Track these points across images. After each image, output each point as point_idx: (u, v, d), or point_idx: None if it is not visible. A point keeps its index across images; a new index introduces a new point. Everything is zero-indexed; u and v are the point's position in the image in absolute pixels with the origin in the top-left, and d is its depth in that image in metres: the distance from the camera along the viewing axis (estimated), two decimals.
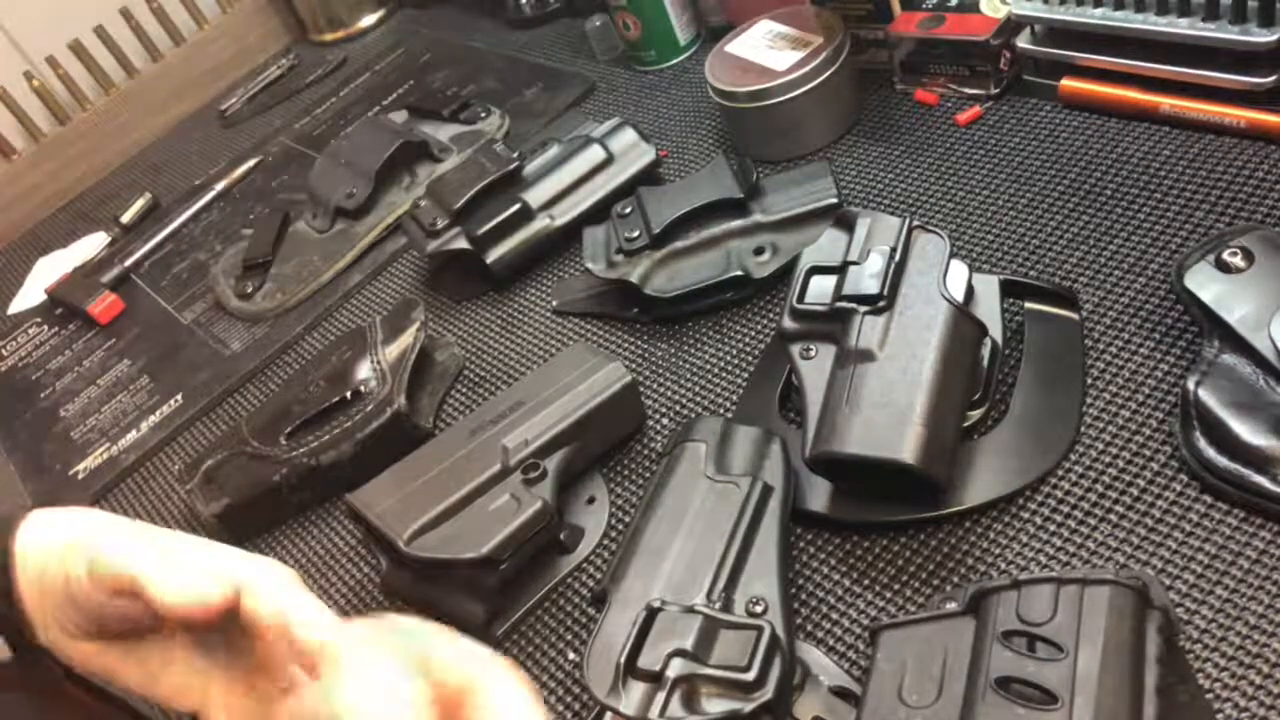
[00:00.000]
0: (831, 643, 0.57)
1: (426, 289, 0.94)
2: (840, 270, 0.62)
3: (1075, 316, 0.65)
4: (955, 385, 0.57)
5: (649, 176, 0.89)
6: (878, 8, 0.87)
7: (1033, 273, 0.69)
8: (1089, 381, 0.62)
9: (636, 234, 0.79)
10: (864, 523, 0.60)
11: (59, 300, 1.12)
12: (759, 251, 0.77)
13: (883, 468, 0.54)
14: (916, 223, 0.63)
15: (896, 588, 0.57)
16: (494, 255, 0.86)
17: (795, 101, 0.84)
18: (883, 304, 0.59)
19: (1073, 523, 0.56)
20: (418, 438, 0.75)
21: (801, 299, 0.62)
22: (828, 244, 0.64)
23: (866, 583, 0.58)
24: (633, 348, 0.79)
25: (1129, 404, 0.60)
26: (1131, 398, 0.60)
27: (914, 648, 0.49)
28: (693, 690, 0.49)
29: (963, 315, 0.59)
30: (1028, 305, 0.66)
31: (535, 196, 0.88)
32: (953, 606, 0.49)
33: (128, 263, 1.14)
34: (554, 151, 0.90)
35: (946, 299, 0.59)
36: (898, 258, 0.61)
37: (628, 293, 0.79)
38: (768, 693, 0.48)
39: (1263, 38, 0.65)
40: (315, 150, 1.17)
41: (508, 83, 1.16)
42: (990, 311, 0.63)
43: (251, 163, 1.24)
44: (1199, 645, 0.49)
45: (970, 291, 0.64)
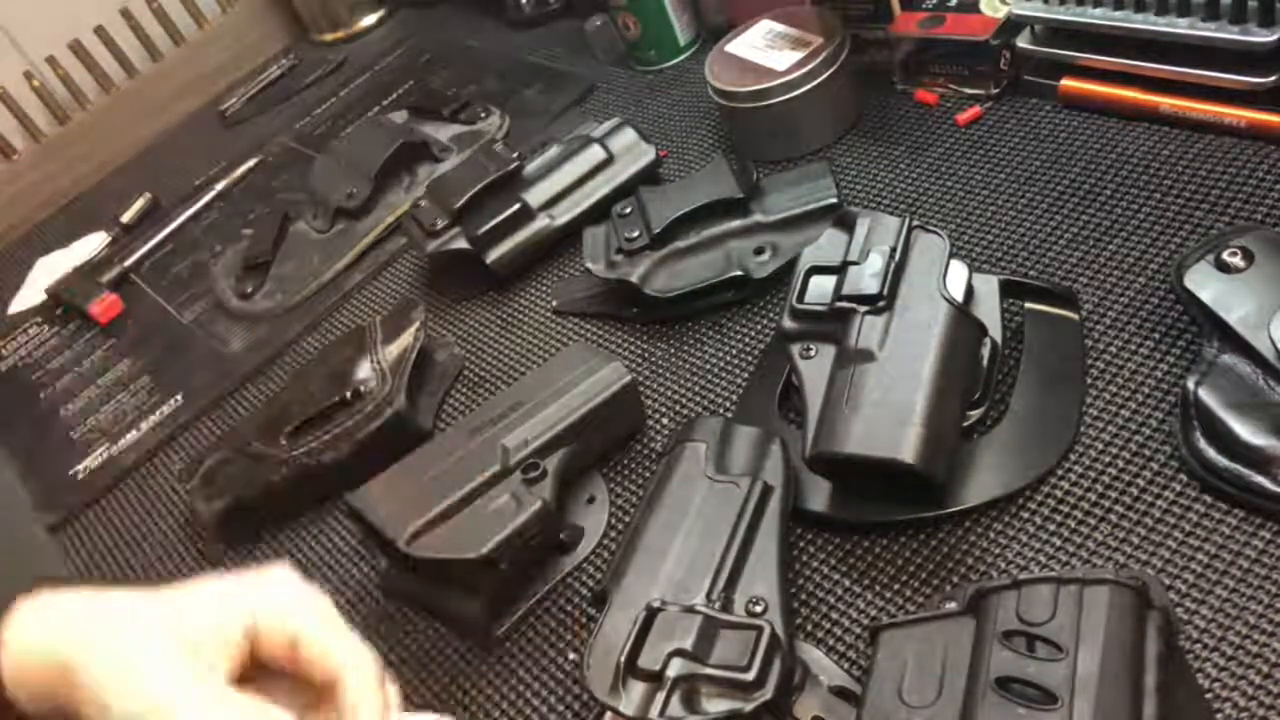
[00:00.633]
0: (831, 642, 0.57)
1: (426, 289, 0.94)
2: (840, 270, 0.62)
3: (1075, 316, 0.65)
4: (955, 385, 0.57)
5: (649, 176, 0.89)
6: (878, 8, 0.87)
7: (1033, 273, 0.69)
8: (1089, 381, 0.62)
9: (636, 234, 0.79)
10: (864, 522, 0.60)
11: (59, 300, 1.12)
12: (759, 251, 0.77)
13: (883, 467, 0.54)
14: (916, 223, 0.63)
15: (896, 587, 0.57)
16: (494, 255, 0.86)
17: (795, 101, 0.84)
18: (882, 304, 0.59)
19: (1072, 523, 0.56)
20: (418, 438, 0.75)
21: (801, 299, 0.62)
22: (828, 244, 0.65)
23: (866, 582, 0.58)
24: (633, 348, 0.79)
25: (1129, 404, 0.60)
26: (1131, 397, 0.60)
27: (914, 648, 0.49)
28: (693, 690, 0.49)
29: (962, 315, 0.59)
30: (1028, 305, 0.66)
31: (535, 196, 0.88)
32: (953, 606, 0.49)
33: (128, 263, 1.14)
34: (554, 151, 0.90)
35: (946, 299, 0.59)
36: (897, 258, 0.61)
37: (628, 293, 0.79)
38: (768, 692, 0.48)
39: (1263, 38, 0.65)
40: (315, 150, 1.17)
41: (508, 83, 1.16)
42: (990, 311, 0.63)
43: (251, 163, 1.24)
44: (1199, 645, 0.50)
45: (970, 291, 0.64)
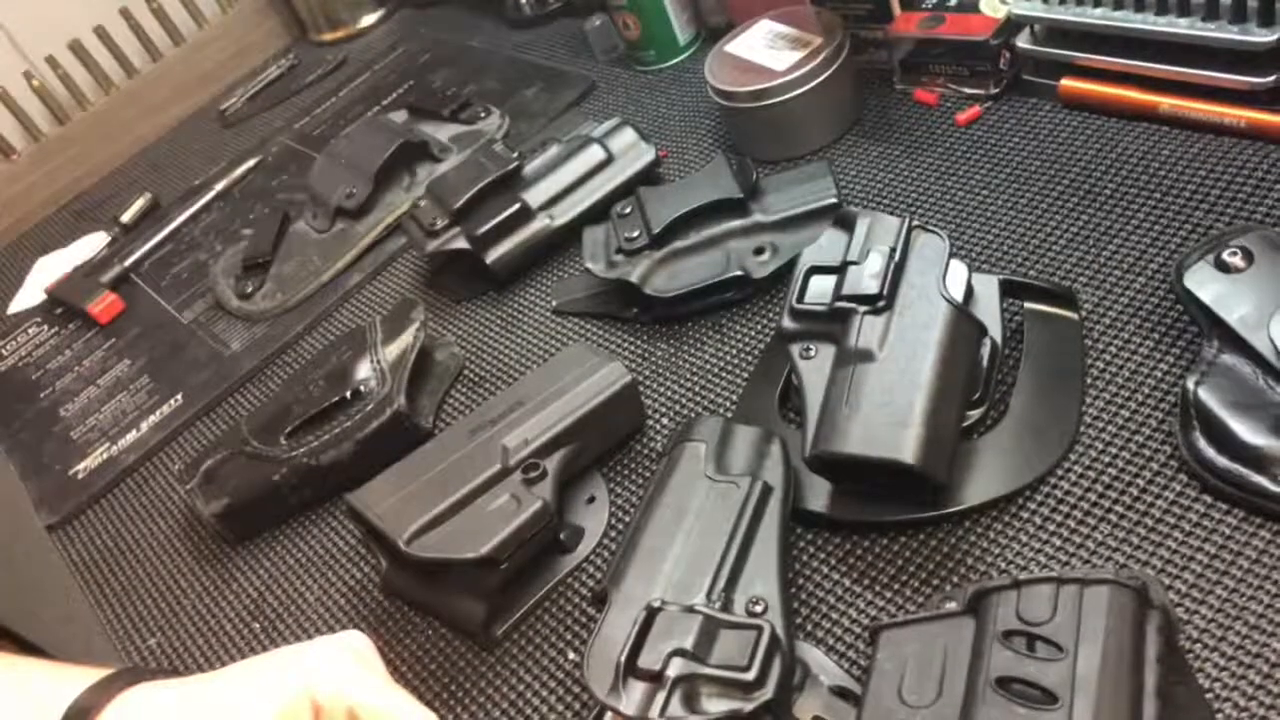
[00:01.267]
0: (831, 642, 0.57)
1: (426, 289, 0.94)
2: (840, 270, 0.62)
3: (1075, 316, 0.65)
4: (955, 385, 0.57)
5: (649, 176, 0.89)
6: (878, 8, 0.87)
7: (1032, 273, 0.69)
8: (1088, 381, 0.62)
9: (636, 234, 0.79)
10: (864, 522, 0.60)
11: (59, 300, 1.12)
12: (759, 251, 0.77)
13: (883, 467, 0.54)
14: (916, 222, 0.63)
15: (896, 587, 0.57)
16: (494, 255, 0.87)
17: (795, 101, 0.84)
18: (882, 304, 0.59)
19: (1072, 522, 0.56)
20: (418, 437, 0.75)
21: (801, 299, 0.62)
22: (827, 244, 0.65)
23: (866, 582, 0.58)
24: (633, 348, 0.79)
25: (1128, 404, 0.60)
26: (1131, 397, 0.60)
27: (914, 647, 0.49)
28: (693, 690, 0.49)
29: (962, 315, 0.59)
30: (1027, 305, 0.66)
31: (535, 196, 0.88)
32: (953, 606, 0.49)
33: (128, 262, 1.14)
34: (554, 151, 0.90)
35: (946, 299, 0.59)
36: (897, 258, 0.61)
37: (628, 293, 0.79)
38: (768, 692, 0.48)
39: (1262, 37, 0.65)
40: (315, 150, 1.16)
41: (508, 83, 1.16)
42: (990, 311, 0.64)
43: (251, 163, 1.24)
44: (1198, 645, 0.50)
45: (970, 291, 0.64)
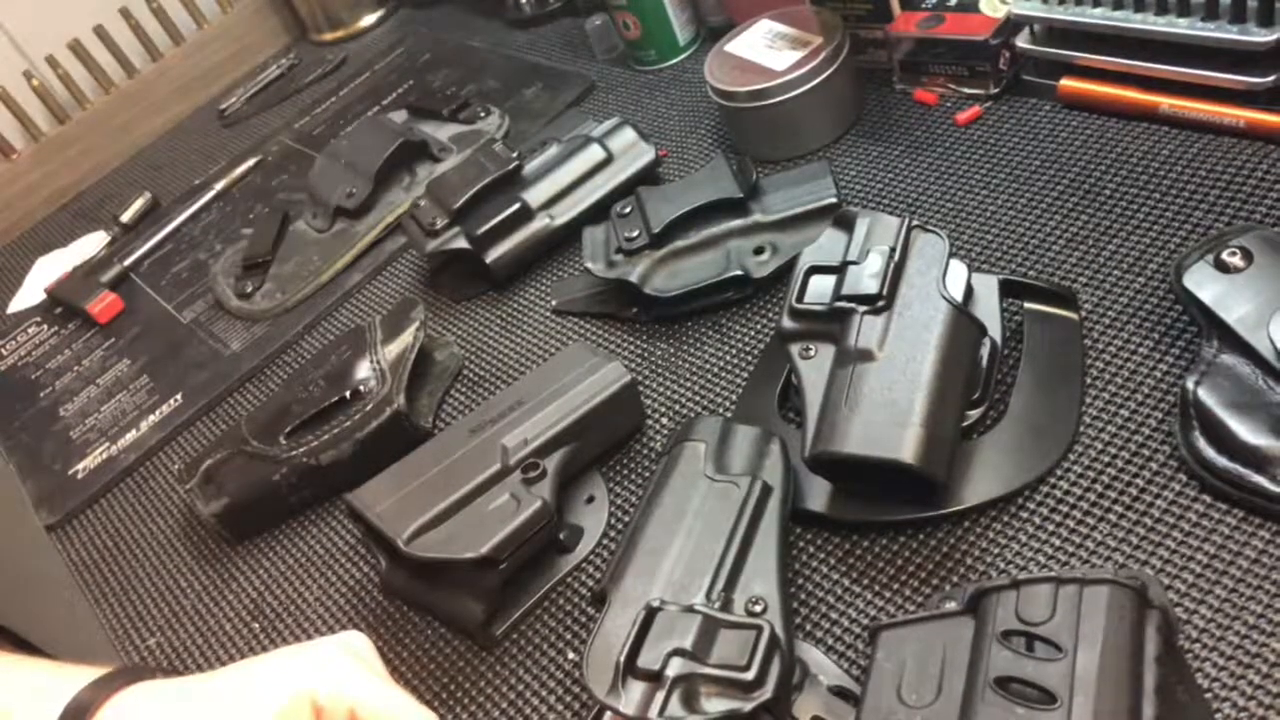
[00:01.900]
0: (831, 642, 0.57)
1: (426, 289, 0.94)
2: (839, 270, 0.62)
3: (1074, 316, 0.65)
4: (954, 385, 0.57)
5: (648, 176, 0.89)
6: (877, 8, 0.87)
7: (1032, 272, 0.69)
8: (1088, 381, 0.62)
9: (636, 234, 0.79)
10: (863, 522, 0.60)
11: (59, 300, 1.12)
12: (759, 251, 0.77)
13: (882, 467, 0.54)
14: (916, 222, 0.63)
15: (896, 587, 0.57)
16: (494, 255, 0.87)
17: (795, 101, 0.84)
18: (882, 304, 0.59)
19: (1072, 522, 0.56)
20: (417, 437, 0.75)
21: (801, 299, 0.62)
22: (827, 244, 0.65)
23: (866, 582, 0.58)
24: (632, 347, 0.79)
25: (1128, 404, 0.60)
26: (1131, 397, 0.60)
27: (913, 647, 0.49)
28: (692, 690, 0.49)
29: (962, 315, 0.59)
30: (1027, 305, 0.66)
31: (535, 196, 0.88)
32: (952, 606, 0.49)
33: (127, 262, 1.14)
34: (554, 151, 0.90)
35: (946, 299, 0.59)
36: (897, 257, 0.61)
37: (627, 292, 0.79)
38: (767, 692, 0.48)
39: (1262, 37, 0.65)
40: (315, 150, 1.16)
41: (508, 83, 1.16)
42: (989, 311, 0.64)
43: (251, 162, 1.24)
44: (1198, 645, 0.50)
45: (969, 291, 0.64)
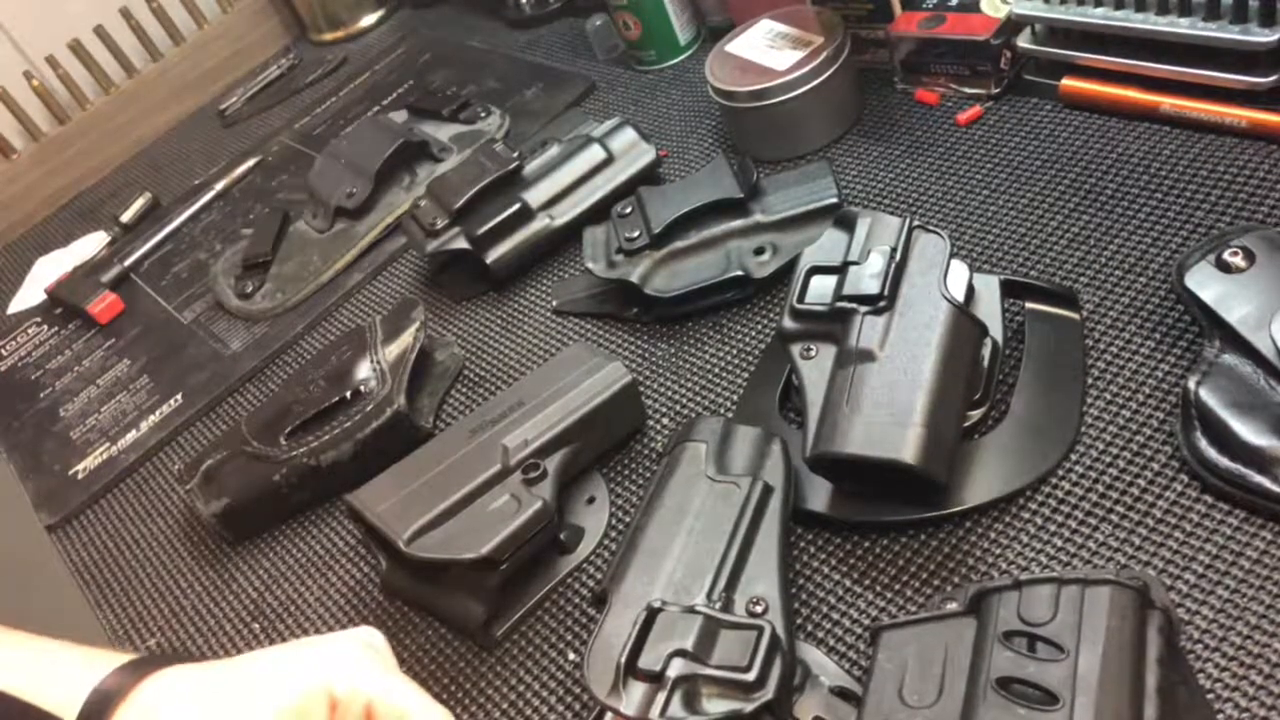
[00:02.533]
0: (832, 643, 0.57)
1: (426, 289, 0.94)
2: (840, 270, 0.62)
3: (1075, 316, 0.65)
4: (955, 385, 0.57)
5: (649, 176, 0.89)
6: (878, 7, 0.87)
7: (1033, 273, 0.69)
8: (1089, 381, 0.62)
9: (636, 234, 0.79)
10: (864, 523, 0.60)
11: (59, 300, 1.12)
12: (759, 251, 0.77)
13: (883, 468, 0.54)
14: (917, 222, 0.63)
15: (897, 588, 0.57)
16: (494, 255, 0.86)
17: (795, 101, 0.84)
18: (883, 304, 0.59)
19: (1073, 523, 0.56)
20: (418, 438, 0.75)
21: (802, 299, 0.62)
22: (828, 244, 0.64)
23: (867, 583, 0.58)
24: (633, 348, 0.79)
25: (1129, 404, 0.60)
26: (1132, 398, 0.60)
27: (915, 648, 0.49)
28: (693, 690, 0.49)
29: (963, 315, 0.59)
30: (1028, 305, 0.66)
31: (535, 196, 0.88)
32: (953, 606, 0.49)
33: (128, 262, 1.14)
34: (554, 151, 0.90)
35: (947, 299, 0.59)
36: (898, 258, 0.61)
37: (628, 293, 0.79)
38: (768, 693, 0.48)
39: (1263, 37, 0.65)
40: (315, 150, 1.16)
41: (508, 83, 1.16)
42: (990, 311, 0.63)
43: (251, 162, 1.24)
44: (1200, 646, 0.49)
45: (970, 291, 0.64)
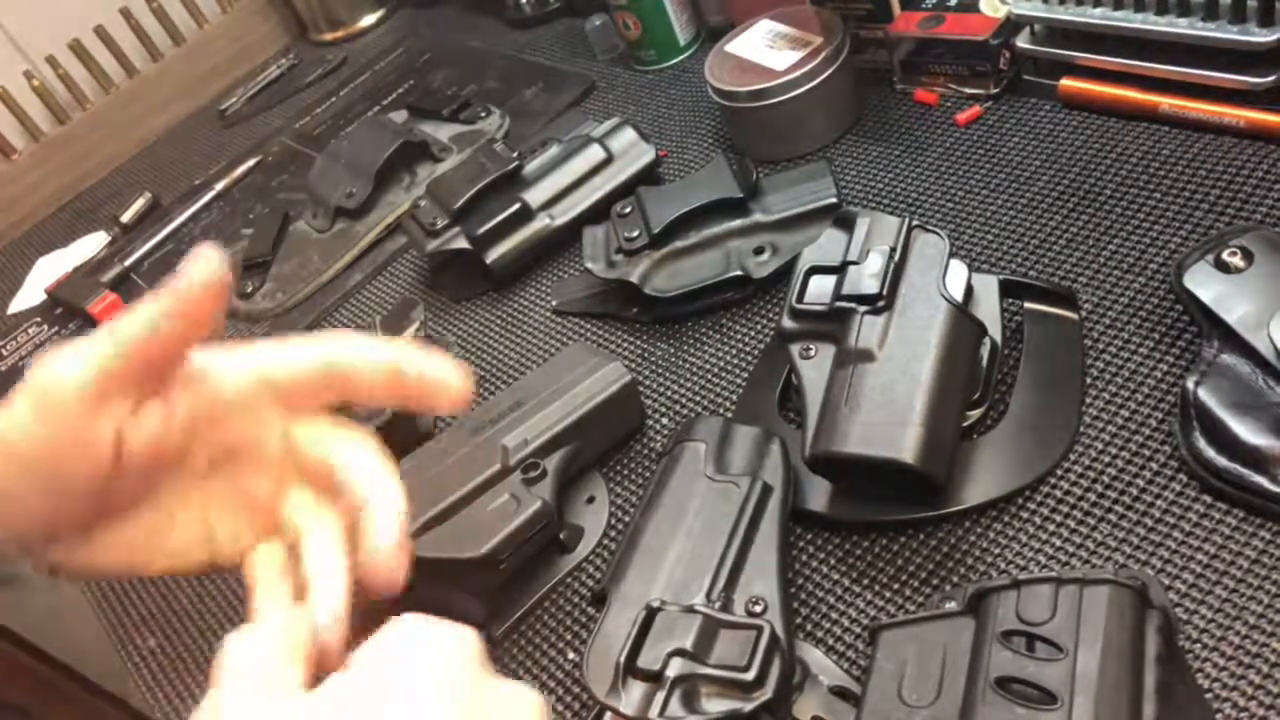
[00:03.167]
0: (831, 642, 0.57)
1: (426, 289, 0.94)
2: (840, 270, 0.62)
3: (1075, 316, 0.65)
4: (955, 385, 0.57)
5: (649, 176, 0.89)
6: (878, 7, 0.87)
7: (1032, 273, 0.69)
8: (1088, 381, 0.62)
9: (636, 234, 0.79)
10: (863, 522, 0.60)
11: (59, 300, 1.12)
12: (759, 251, 0.77)
13: (882, 467, 0.54)
14: (916, 222, 0.63)
15: (896, 587, 0.57)
16: (494, 255, 0.86)
17: (795, 101, 0.84)
18: (882, 304, 0.59)
19: (1072, 522, 0.56)
20: (417, 437, 0.75)
21: (801, 299, 0.62)
22: (827, 244, 0.64)
23: (866, 582, 0.58)
24: (633, 348, 0.79)
25: (1128, 404, 0.60)
26: (1131, 398, 0.60)
27: (914, 647, 0.49)
28: (692, 690, 0.49)
29: (962, 315, 0.59)
30: (1027, 305, 0.66)
31: (535, 196, 0.88)
32: (952, 606, 0.49)
33: (128, 262, 1.14)
34: (554, 151, 0.90)
35: (946, 299, 0.59)
36: (897, 257, 0.61)
37: (628, 293, 0.79)
38: (767, 692, 0.48)
39: (1262, 37, 0.65)
40: (315, 150, 1.17)
41: (508, 83, 1.16)
42: (990, 311, 0.63)
43: (251, 162, 1.24)
44: (1198, 645, 0.50)
45: (970, 291, 0.64)
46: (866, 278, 0.61)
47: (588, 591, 0.65)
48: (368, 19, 1.46)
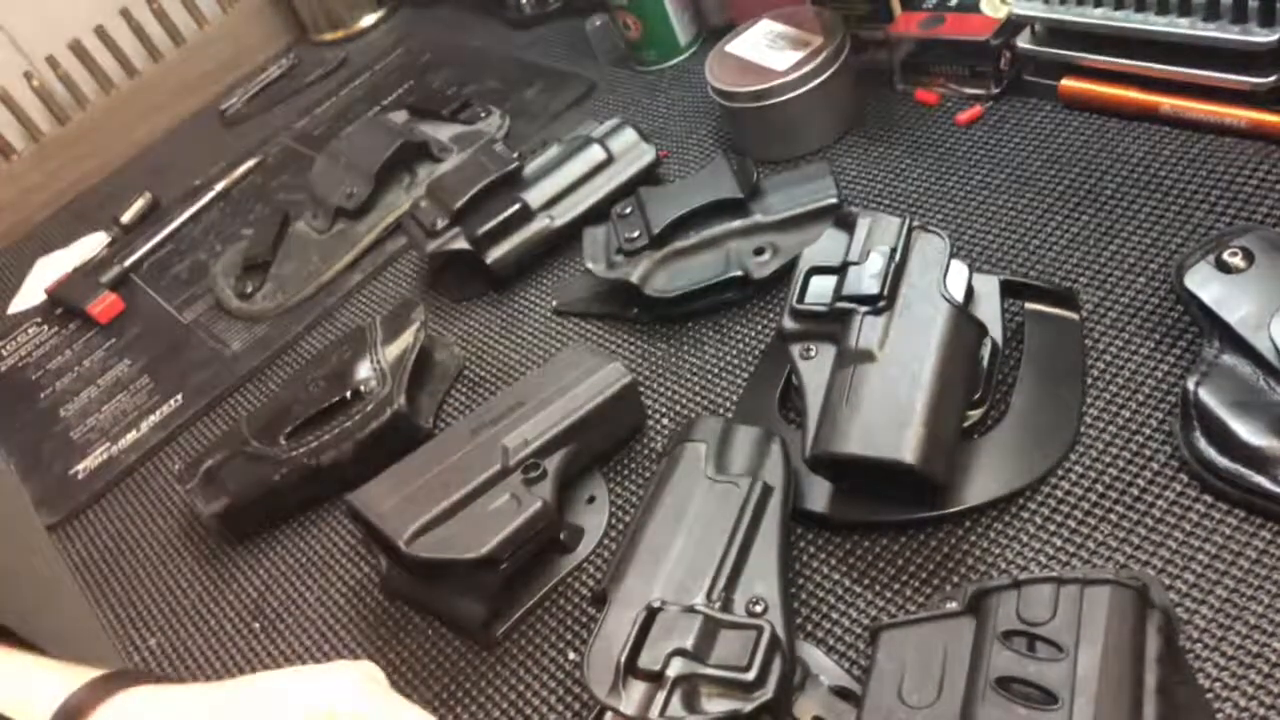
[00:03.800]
0: (832, 642, 0.57)
1: (426, 289, 0.94)
2: (840, 270, 0.62)
3: (1075, 317, 0.65)
4: (955, 385, 0.57)
5: (649, 176, 0.89)
6: (878, 8, 0.87)
7: (1033, 273, 0.69)
8: (1089, 381, 0.62)
9: (636, 234, 0.79)
10: (864, 522, 0.60)
11: (59, 300, 1.12)
12: (759, 252, 0.77)
13: (883, 468, 0.54)
14: (916, 223, 0.63)
15: (897, 587, 0.57)
16: (494, 255, 0.86)
17: (795, 101, 0.84)
18: (883, 304, 0.59)
19: (1073, 523, 0.56)
20: (418, 438, 0.75)
21: (802, 299, 0.62)
22: (828, 244, 0.64)
23: (867, 582, 0.58)
24: (633, 348, 0.79)
25: (1129, 404, 0.60)
26: (1132, 398, 0.60)
27: (914, 648, 0.49)
28: (693, 690, 0.49)
29: (963, 315, 0.59)
30: (1028, 305, 0.66)
31: (535, 196, 0.88)
32: (953, 606, 0.49)
33: (128, 263, 1.14)
34: (554, 151, 0.90)
35: (947, 299, 0.59)
36: (898, 258, 0.61)
37: (628, 293, 0.79)
38: (768, 692, 0.48)
39: (1263, 38, 0.65)
40: (315, 150, 1.16)
41: (508, 83, 1.16)
42: (990, 311, 0.63)
43: (251, 163, 1.24)
44: (1199, 645, 0.50)
45: (970, 291, 0.64)
46: (867, 278, 0.61)
47: (588, 592, 0.65)
48: (368, 19, 1.46)
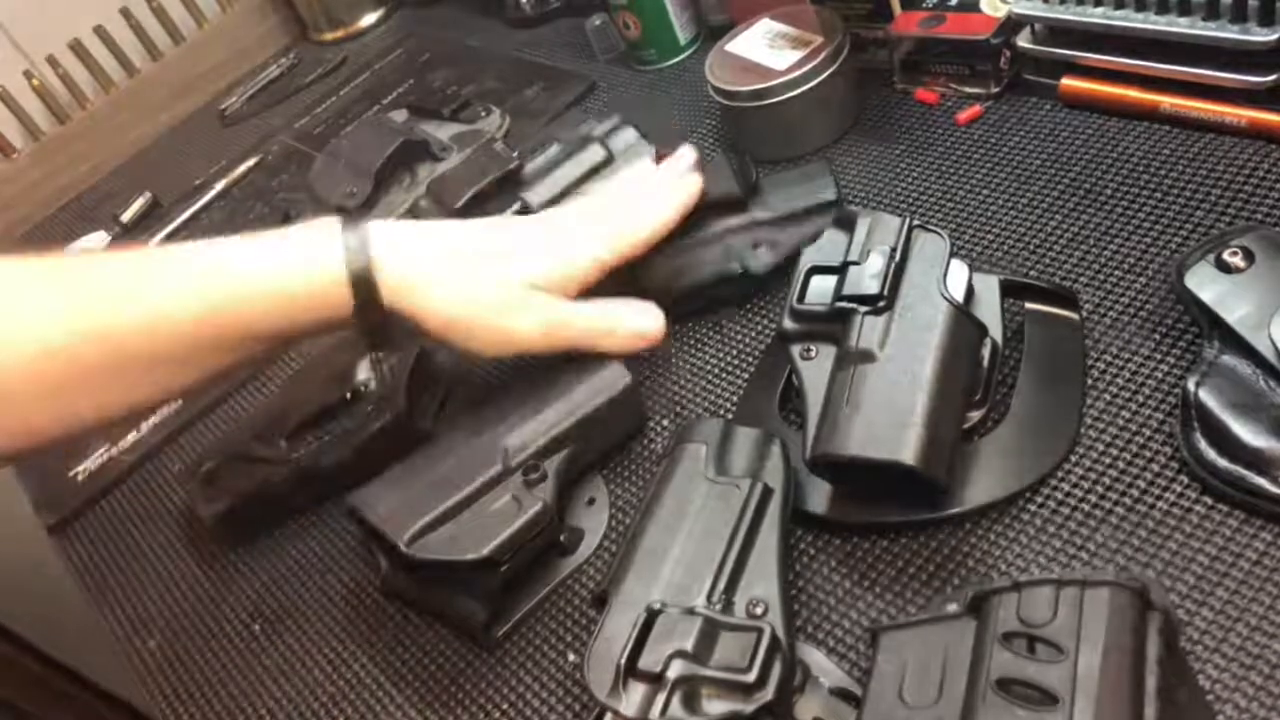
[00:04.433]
0: (832, 644, 0.57)
1: None
2: (840, 270, 0.62)
3: (1075, 317, 0.65)
4: (955, 386, 0.57)
5: None
6: (878, 7, 0.87)
7: (1033, 273, 0.69)
8: (1089, 382, 0.62)
9: None
10: (864, 524, 0.60)
11: None
12: (757, 246, 0.76)
13: (883, 469, 0.54)
14: (916, 222, 0.63)
15: (897, 589, 0.57)
16: None
17: (795, 101, 0.83)
18: (883, 304, 0.59)
19: (1073, 524, 0.56)
20: (418, 439, 0.74)
21: (801, 299, 0.62)
22: (828, 244, 0.64)
23: (867, 584, 0.58)
24: None
25: (1129, 405, 0.60)
26: (1132, 398, 0.60)
27: (914, 649, 0.49)
28: (693, 691, 0.49)
29: (963, 315, 0.59)
30: (1028, 305, 0.66)
31: (536, 196, 0.88)
32: (953, 608, 0.49)
33: None
34: (554, 151, 0.90)
35: (947, 299, 0.59)
36: (898, 258, 0.61)
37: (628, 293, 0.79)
38: (768, 694, 0.48)
39: (1263, 37, 0.65)
40: (315, 150, 1.16)
41: (508, 82, 1.16)
42: (990, 311, 0.63)
43: (251, 162, 1.24)
44: (1199, 647, 0.50)
45: (970, 291, 0.64)
46: (867, 278, 0.60)
47: (588, 593, 0.65)
48: (368, 19, 1.46)
